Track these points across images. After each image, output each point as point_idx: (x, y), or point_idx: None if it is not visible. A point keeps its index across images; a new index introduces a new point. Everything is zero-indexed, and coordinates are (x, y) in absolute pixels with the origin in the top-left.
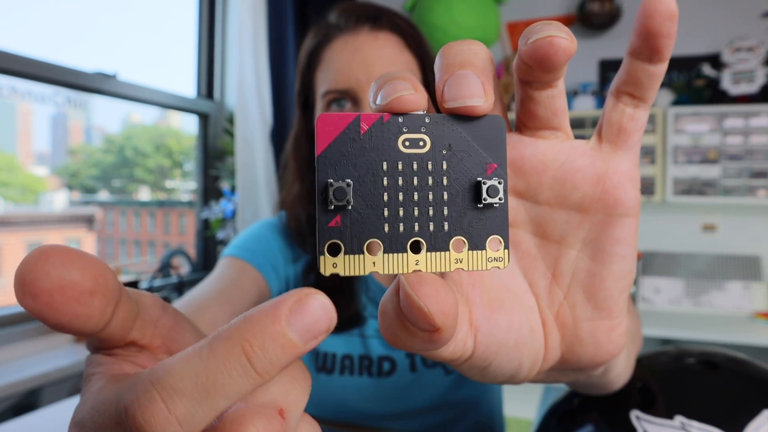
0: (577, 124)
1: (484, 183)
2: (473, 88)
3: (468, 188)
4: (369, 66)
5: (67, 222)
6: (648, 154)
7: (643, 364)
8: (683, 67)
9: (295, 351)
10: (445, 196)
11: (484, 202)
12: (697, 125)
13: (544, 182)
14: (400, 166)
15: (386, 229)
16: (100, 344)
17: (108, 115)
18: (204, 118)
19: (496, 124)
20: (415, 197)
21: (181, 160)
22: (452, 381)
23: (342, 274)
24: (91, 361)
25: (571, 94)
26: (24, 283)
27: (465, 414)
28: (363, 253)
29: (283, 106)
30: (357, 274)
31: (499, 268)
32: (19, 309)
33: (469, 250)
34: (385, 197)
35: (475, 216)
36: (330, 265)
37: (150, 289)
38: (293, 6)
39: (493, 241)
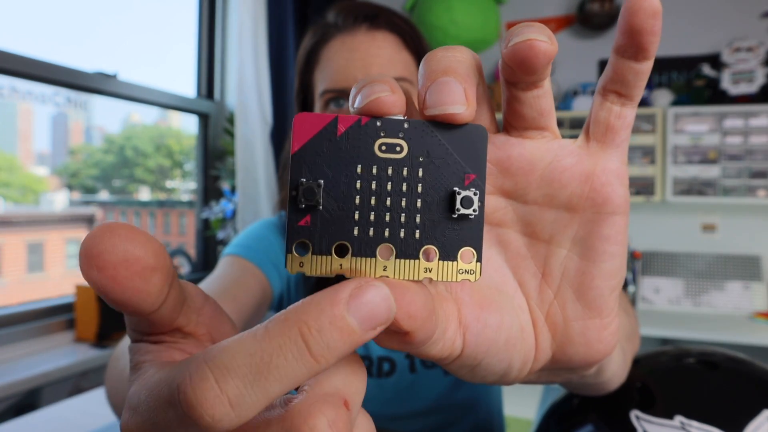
0: (577, 124)
1: (459, 193)
2: (454, 94)
3: (443, 197)
4: (367, 65)
5: (68, 222)
6: (648, 154)
7: (642, 363)
8: (683, 67)
9: (353, 338)
10: (419, 204)
11: (457, 212)
12: (697, 125)
13: (532, 182)
14: (374, 170)
15: (356, 232)
16: (149, 328)
17: (108, 115)
18: (204, 118)
19: (478, 134)
20: (388, 202)
21: (181, 160)
22: (451, 382)
23: (308, 273)
24: (138, 350)
25: (571, 94)
26: (90, 256)
27: (465, 415)
28: (331, 254)
29: (283, 106)
30: (323, 274)
31: (469, 281)
32: (19, 309)
33: (439, 260)
34: (357, 200)
35: (448, 226)
36: (297, 264)
37: None
38: (293, 6)
39: (466, 252)
